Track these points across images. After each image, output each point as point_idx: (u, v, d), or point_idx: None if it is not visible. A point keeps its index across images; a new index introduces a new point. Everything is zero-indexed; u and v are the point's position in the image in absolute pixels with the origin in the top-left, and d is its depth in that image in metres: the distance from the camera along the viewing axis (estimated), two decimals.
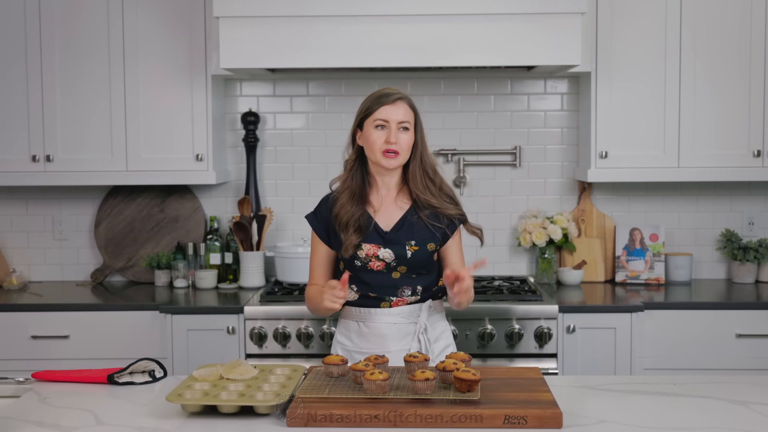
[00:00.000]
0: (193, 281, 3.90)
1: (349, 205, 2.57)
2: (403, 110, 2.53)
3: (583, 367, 3.41)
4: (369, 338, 2.60)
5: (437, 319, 2.68)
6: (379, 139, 2.51)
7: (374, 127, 2.52)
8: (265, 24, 3.39)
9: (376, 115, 2.52)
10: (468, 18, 3.37)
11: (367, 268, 2.57)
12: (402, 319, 2.59)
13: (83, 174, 3.76)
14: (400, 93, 2.55)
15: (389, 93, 2.54)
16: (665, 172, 3.71)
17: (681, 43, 3.65)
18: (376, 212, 2.60)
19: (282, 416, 2.04)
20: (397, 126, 2.52)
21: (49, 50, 3.71)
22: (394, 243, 2.57)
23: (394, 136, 2.50)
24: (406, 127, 2.53)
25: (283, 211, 4.08)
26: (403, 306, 2.60)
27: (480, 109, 4.05)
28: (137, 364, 2.46)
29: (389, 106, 2.52)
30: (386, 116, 2.51)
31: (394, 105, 2.52)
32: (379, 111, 2.52)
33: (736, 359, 3.46)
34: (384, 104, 2.52)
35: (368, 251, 2.56)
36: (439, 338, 2.67)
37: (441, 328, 2.69)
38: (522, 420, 1.97)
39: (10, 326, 3.52)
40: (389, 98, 2.53)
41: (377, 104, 2.53)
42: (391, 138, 2.50)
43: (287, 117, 4.07)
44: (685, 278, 3.93)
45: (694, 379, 2.47)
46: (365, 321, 2.61)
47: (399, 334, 2.59)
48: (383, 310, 2.60)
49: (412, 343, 2.59)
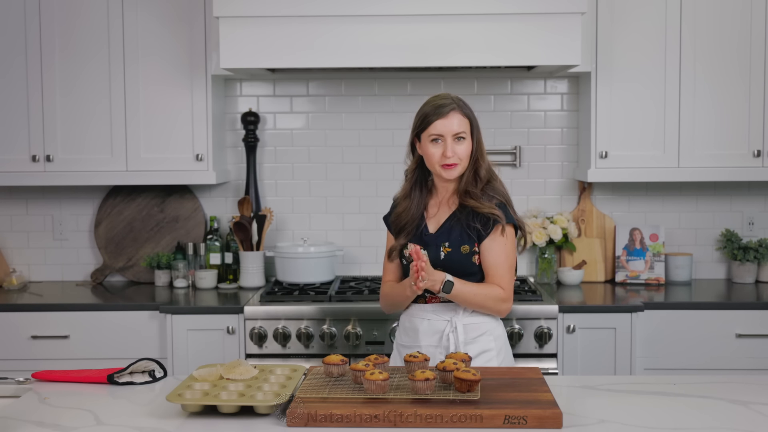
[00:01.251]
0: (193, 281, 3.90)
1: (406, 214, 2.65)
2: (458, 121, 2.54)
3: (583, 367, 3.41)
4: (409, 332, 2.67)
5: (479, 321, 2.62)
6: (436, 153, 2.54)
7: (430, 142, 2.55)
8: (265, 24, 3.39)
9: (431, 129, 2.54)
10: (468, 18, 3.37)
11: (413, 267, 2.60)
12: (435, 316, 2.62)
13: (83, 174, 3.76)
14: (452, 103, 2.56)
15: (442, 104, 2.55)
16: (665, 172, 3.71)
17: (681, 43, 3.65)
18: (429, 215, 2.66)
19: (282, 416, 2.04)
20: (453, 138, 2.54)
21: (49, 50, 3.71)
22: (431, 245, 2.61)
23: (450, 149, 2.52)
24: (462, 137, 2.55)
25: (283, 211, 4.09)
26: (437, 303, 2.63)
27: (480, 109, 4.03)
28: (137, 364, 2.46)
29: (442, 120, 2.53)
30: (441, 130, 2.53)
31: (448, 118, 2.53)
32: (433, 126, 2.54)
33: (736, 359, 3.46)
34: (438, 118, 2.53)
35: (412, 250, 2.57)
36: (476, 341, 2.61)
37: (480, 331, 2.62)
38: (522, 420, 1.97)
39: (10, 326, 3.52)
40: (443, 111, 2.54)
41: (431, 118, 2.54)
42: (448, 152, 2.52)
43: (287, 117, 4.07)
44: (685, 278, 3.93)
45: (694, 379, 2.47)
46: (408, 316, 2.69)
47: (430, 330, 2.62)
48: (420, 305, 2.65)
49: (442, 341, 2.61)
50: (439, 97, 2.60)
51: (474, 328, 2.62)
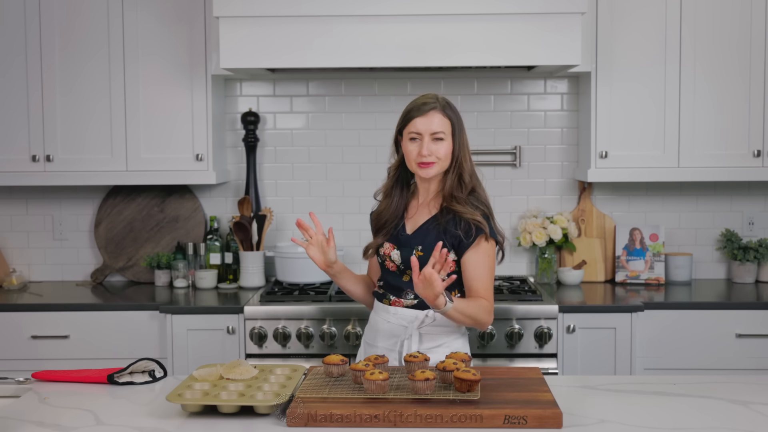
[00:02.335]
0: (193, 281, 3.90)
1: (386, 212, 2.64)
2: (438, 120, 2.52)
3: (583, 367, 3.41)
4: (371, 330, 2.67)
5: (442, 333, 2.57)
6: (413, 151, 2.54)
7: (409, 140, 2.55)
8: (265, 24, 3.39)
9: (410, 127, 2.54)
10: (468, 18, 3.37)
11: (385, 266, 2.62)
12: (395, 320, 2.58)
13: (83, 174, 3.76)
14: (435, 102, 2.55)
15: (424, 103, 2.54)
16: (665, 172, 3.71)
17: (681, 43, 3.65)
18: (409, 215, 2.64)
19: (282, 416, 2.04)
20: (431, 137, 2.52)
21: (49, 49, 3.71)
22: (405, 246, 2.58)
23: (426, 148, 2.51)
24: (441, 138, 2.52)
25: (283, 211, 4.09)
26: (399, 307, 2.59)
27: (480, 109, 4.05)
28: (137, 364, 2.46)
29: (422, 117, 2.52)
30: (419, 128, 2.52)
31: (427, 116, 2.52)
32: (412, 123, 2.54)
33: (736, 359, 3.46)
34: (418, 115, 2.53)
35: (386, 250, 2.62)
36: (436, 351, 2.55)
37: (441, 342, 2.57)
38: (522, 420, 1.97)
39: (10, 326, 3.52)
40: (423, 109, 2.53)
41: (412, 114, 2.55)
42: (424, 150, 2.51)
43: (287, 117, 4.07)
44: (685, 278, 3.93)
45: (694, 379, 2.47)
46: (373, 314, 2.69)
47: (388, 333, 2.59)
48: (384, 306, 2.63)
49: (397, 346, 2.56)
50: (424, 96, 2.59)
51: (436, 339, 2.57)
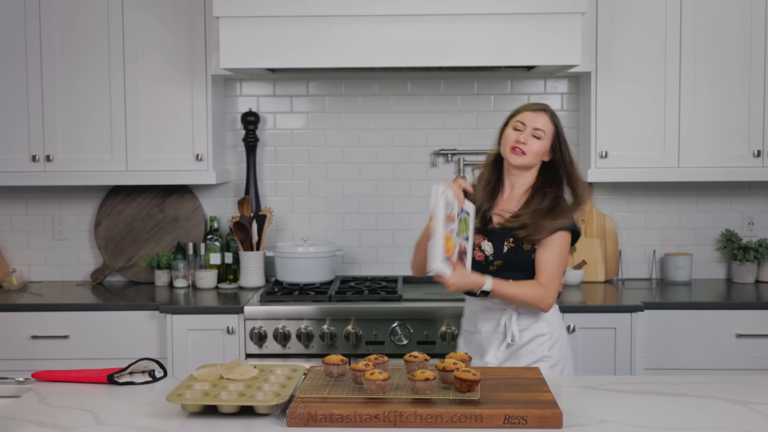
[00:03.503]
0: (193, 281, 3.90)
1: (482, 194, 2.74)
2: (543, 120, 2.69)
3: (583, 367, 3.40)
4: (471, 317, 2.78)
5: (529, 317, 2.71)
6: (511, 136, 2.69)
7: (512, 129, 2.71)
8: (265, 24, 3.38)
9: (518, 117, 2.72)
10: (468, 18, 3.37)
11: (473, 257, 2.67)
12: (492, 304, 2.70)
13: (83, 174, 3.76)
14: (546, 107, 2.73)
15: (537, 104, 2.74)
16: (665, 172, 3.71)
17: (681, 43, 3.65)
18: (497, 207, 2.74)
19: (282, 416, 2.04)
20: (532, 130, 2.67)
21: (48, 49, 3.71)
22: (495, 238, 2.69)
23: (524, 136, 2.67)
24: (540, 136, 2.67)
25: (283, 211, 4.09)
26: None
27: (480, 109, 4.05)
28: (137, 364, 2.46)
29: (531, 112, 2.70)
30: (525, 119, 2.69)
31: (536, 113, 2.70)
32: (520, 115, 2.71)
33: (736, 359, 3.46)
34: (528, 110, 2.71)
35: (475, 240, 2.69)
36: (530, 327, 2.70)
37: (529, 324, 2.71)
38: (522, 420, 1.97)
39: (10, 326, 3.52)
40: (534, 107, 2.72)
41: (522, 109, 2.73)
42: (521, 138, 2.67)
43: (287, 117, 4.07)
44: (685, 278, 3.93)
45: (694, 379, 2.47)
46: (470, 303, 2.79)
47: (490, 317, 2.71)
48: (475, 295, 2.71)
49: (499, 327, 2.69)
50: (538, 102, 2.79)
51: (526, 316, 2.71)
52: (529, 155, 2.67)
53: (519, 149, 2.67)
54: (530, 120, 2.68)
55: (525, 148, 2.66)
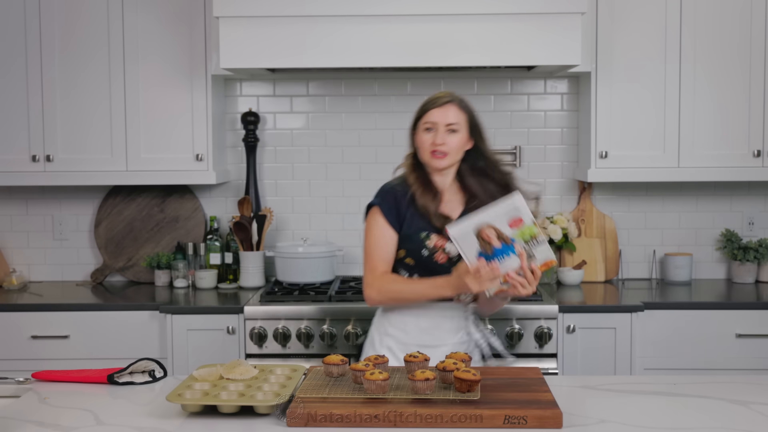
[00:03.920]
0: (193, 281, 3.90)
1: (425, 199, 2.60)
2: (453, 113, 2.59)
3: (583, 367, 3.41)
4: (430, 331, 2.62)
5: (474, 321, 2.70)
6: (427, 140, 2.59)
7: (424, 130, 2.61)
8: (265, 24, 3.38)
9: (425, 118, 2.61)
10: (468, 18, 3.37)
11: (433, 260, 2.59)
12: (456, 312, 2.63)
13: (83, 174, 3.76)
14: (450, 96, 2.63)
15: (440, 96, 2.63)
16: (665, 172, 3.71)
17: (681, 42, 3.65)
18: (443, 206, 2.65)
19: (282, 416, 2.04)
20: (445, 128, 2.58)
21: (49, 50, 3.71)
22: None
23: (440, 137, 2.57)
24: (455, 129, 2.59)
25: (283, 211, 4.09)
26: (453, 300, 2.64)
27: (480, 109, 3.97)
28: (137, 364, 2.46)
29: (437, 109, 2.60)
30: (434, 119, 2.59)
31: (442, 108, 2.60)
32: (427, 114, 2.60)
33: (736, 359, 3.46)
34: (433, 107, 2.60)
35: (437, 242, 2.59)
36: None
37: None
38: (522, 420, 1.97)
39: (10, 326, 3.52)
40: (438, 101, 2.61)
41: (427, 107, 2.62)
42: (437, 140, 2.57)
43: (287, 117, 4.07)
44: (685, 278, 3.93)
45: (694, 379, 2.47)
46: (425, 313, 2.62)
47: (453, 326, 2.63)
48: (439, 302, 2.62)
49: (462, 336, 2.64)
50: (440, 92, 2.68)
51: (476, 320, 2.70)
52: (450, 154, 2.58)
53: (439, 152, 2.57)
54: (440, 117, 2.58)
55: (444, 149, 2.57)
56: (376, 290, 2.60)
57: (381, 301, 2.62)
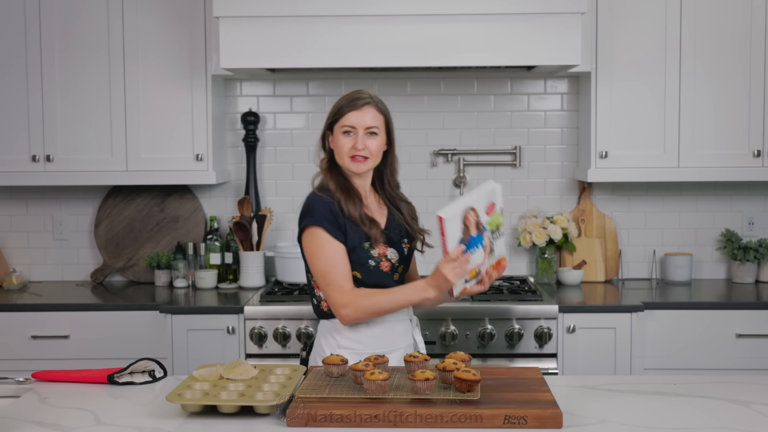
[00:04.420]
0: (193, 281, 3.90)
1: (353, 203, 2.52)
2: (371, 115, 2.50)
3: (583, 367, 3.41)
4: (383, 337, 2.54)
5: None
6: (346, 144, 2.50)
7: (342, 133, 2.51)
8: (265, 24, 3.39)
9: (344, 121, 2.50)
10: (468, 18, 3.37)
11: (379, 269, 2.54)
12: (404, 317, 2.61)
13: (83, 174, 3.76)
14: (368, 97, 2.52)
15: (357, 97, 2.52)
16: (665, 172, 3.71)
17: (681, 42, 3.65)
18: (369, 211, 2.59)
19: (282, 416, 2.04)
20: (365, 131, 2.50)
21: (49, 50, 3.71)
22: (394, 242, 2.58)
23: (361, 142, 2.49)
24: (374, 132, 2.51)
25: (283, 211, 4.09)
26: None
27: (480, 109, 4.05)
28: (137, 364, 2.46)
29: (356, 111, 2.49)
30: (353, 122, 2.49)
31: (362, 110, 2.49)
32: (346, 117, 2.50)
33: (736, 359, 3.46)
34: (351, 110, 2.49)
35: (380, 251, 2.54)
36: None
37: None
38: (522, 420, 1.97)
39: (10, 326, 3.52)
40: (356, 104, 2.50)
41: (345, 110, 2.51)
42: (358, 144, 2.49)
43: (287, 117, 4.07)
44: (685, 278, 3.93)
45: (694, 379, 2.47)
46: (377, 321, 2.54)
47: (403, 330, 2.60)
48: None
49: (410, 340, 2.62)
50: (355, 92, 2.56)
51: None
52: (371, 158, 2.51)
53: (359, 156, 2.49)
54: (358, 120, 2.48)
55: (365, 153, 2.49)
56: (352, 309, 2.46)
57: (358, 318, 2.48)
